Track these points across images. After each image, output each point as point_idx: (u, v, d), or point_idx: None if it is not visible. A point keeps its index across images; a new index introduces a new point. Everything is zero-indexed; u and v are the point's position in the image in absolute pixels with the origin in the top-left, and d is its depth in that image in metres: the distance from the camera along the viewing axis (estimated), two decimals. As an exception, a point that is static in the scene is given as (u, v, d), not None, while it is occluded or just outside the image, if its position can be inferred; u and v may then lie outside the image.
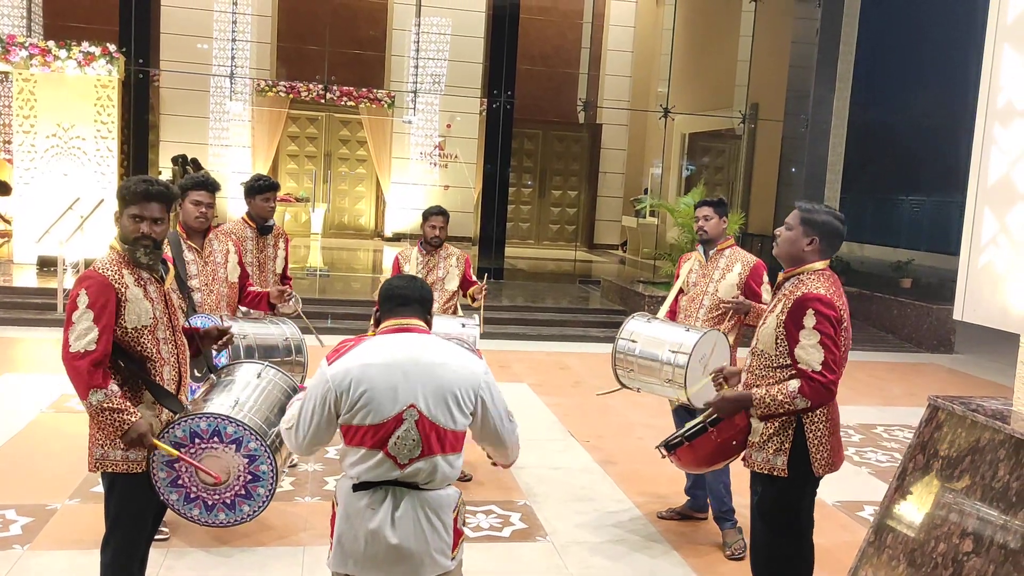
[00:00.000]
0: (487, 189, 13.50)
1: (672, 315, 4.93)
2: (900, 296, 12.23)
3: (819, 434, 3.25)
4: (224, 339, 3.55)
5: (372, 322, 2.83)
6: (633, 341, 4.64)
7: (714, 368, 3.82)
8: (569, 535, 4.78)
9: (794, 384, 3.16)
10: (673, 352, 4.42)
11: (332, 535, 2.61)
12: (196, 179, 4.38)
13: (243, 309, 4.93)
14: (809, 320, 3.15)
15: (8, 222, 11.93)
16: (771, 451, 3.31)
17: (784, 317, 3.21)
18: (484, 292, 5.60)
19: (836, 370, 3.12)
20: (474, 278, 5.74)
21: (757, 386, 3.28)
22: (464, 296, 5.67)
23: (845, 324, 3.21)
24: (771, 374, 3.26)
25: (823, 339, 3.10)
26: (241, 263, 4.77)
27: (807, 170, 14.21)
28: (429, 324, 2.73)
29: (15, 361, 8.08)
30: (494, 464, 2.94)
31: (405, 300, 2.70)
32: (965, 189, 2.99)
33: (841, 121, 14.87)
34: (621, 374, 4.75)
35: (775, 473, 3.30)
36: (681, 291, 4.90)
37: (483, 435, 2.71)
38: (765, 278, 4.72)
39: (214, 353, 3.96)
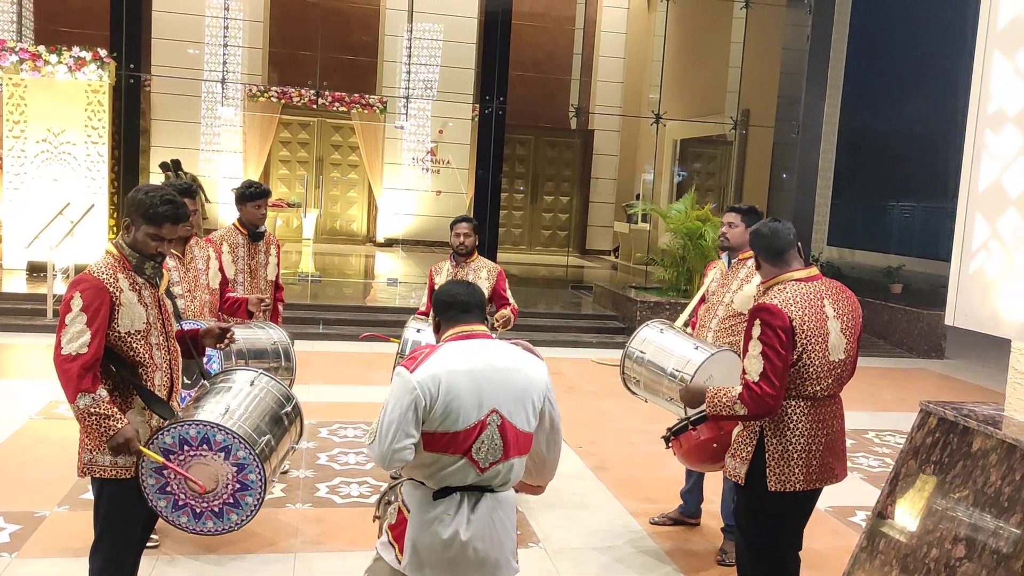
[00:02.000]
0: (479, 195, 13.48)
1: (695, 324, 4.78)
2: (891, 301, 12.26)
3: (780, 449, 3.24)
4: (227, 338, 3.53)
5: (432, 328, 2.81)
6: (643, 351, 4.41)
7: None
8: (562, 541, 4.76)
9: (738, 390, 3.21)
10: (677, 370, 4.17)
11: (401, 540, 2.59)
12: (180, 187, 4.36)
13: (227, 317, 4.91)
14: (755, 330, 3.18)
15: None
16: (738, 459, 3.34)
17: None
18: (502, 323, 5.31)
19: (775, 382, 3.11)
20: (507, 294, 5.53)
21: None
22: (494, 313, 5.44)
23: (808, 333, 3.17)
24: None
25: (764, 349, 3.13)
26: (222, 269, 4.76)
27: (798, 176, 14.25)
28: (493, 328, 2.77)
29: (4, 367, 8.03)
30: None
31: (466, 307, 2.72)
32: (956, 195, 3.01)
33: (832, 127, 14.93)
34: (629, 382, 4.55)
35: (739, 482, 3.33)
36: (703, 298, 4.80)
37: (543, 438, 2.73)
38: None
39: (206, 359, 3.95)
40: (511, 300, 5.55)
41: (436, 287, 5.49)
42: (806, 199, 14.33)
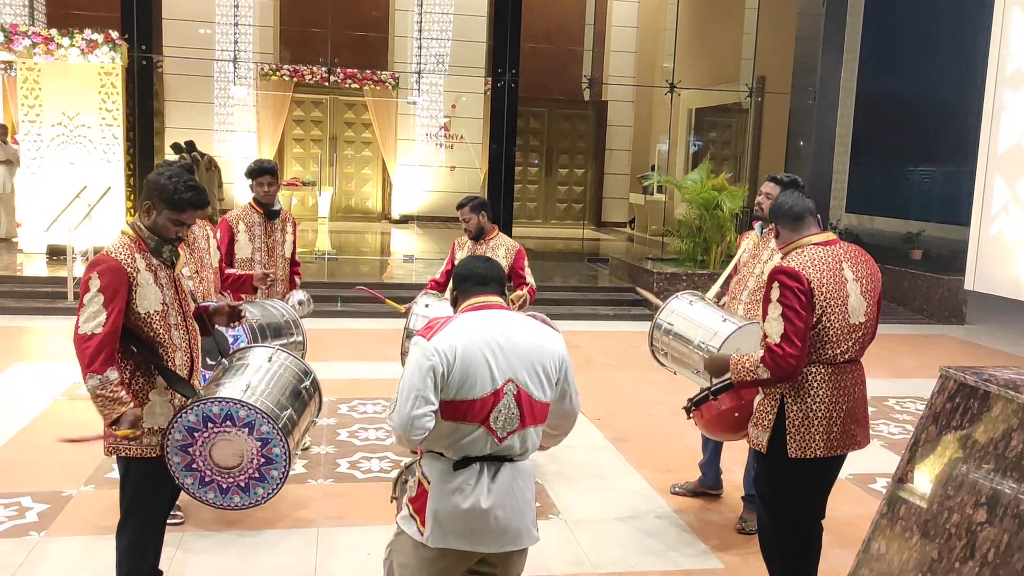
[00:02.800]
0: (493, 169, 13.44)
1: (724, 294, 4.72)
2: (911, 268, 12.16)
3: (800, 415, 3.23)
4: (238, 316, 3.57)
5: (450, 302, 2.84)
6: (671, 323, 4.35)
7: None
8: (581, 512, 4.79)
9: (760, 354, 3.20)
10: (704, 343, 4.11)
11: (422, 512, 2.61)
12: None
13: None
14: (774, 293, 3.17)
15: None
16: (760, 428, 3.34)
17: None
18: (519, 302, 5.32)
19: (796, 343, 3.11)
20: (525, 272, 5.52)
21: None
22: (511, 292, 5.41)
23: (827, 295, 3.16)
24: None
25: (784, 311, 3.13)
26: (226, 250, 4.80)
27: (815, 143, 14.11)
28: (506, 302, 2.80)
29: (28, 350, 8.13)
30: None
31: (483, 279, 2.74)
32: (975, 158, 2.96)
33: (849, 92, 14.74)
34: (657, 353, 4.50)
35: (761, 450, 3.33)
36: (736, 270, 4.73)
37: (559, 407, 2.76)
38: None
39: (231, 337, 3.99)
40: (529, 279, 5.55)
41: (456, 260, 5.53)
42: (824, 166, 14.19)
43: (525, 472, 2.68)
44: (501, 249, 5.53)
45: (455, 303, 2.79)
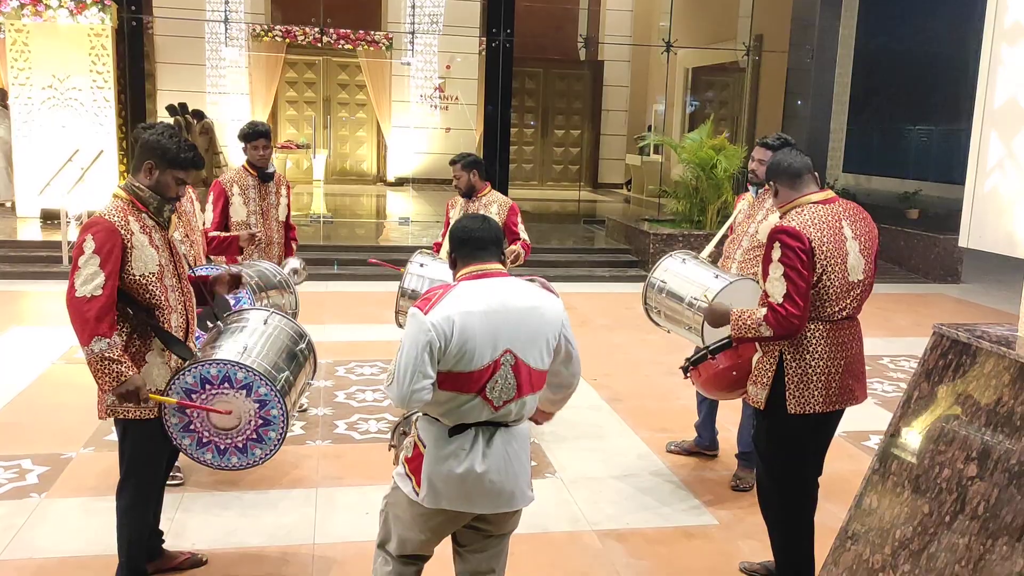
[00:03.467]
0: (489, 131, 13.34)
1: (718, 255, 4.75)
2: (907, 227, 12.15)
3: (799, 372, 3.25)
4: (239, 283, 3.58)
5: (448, 264, 2.79)
6: (664, 281, 4.39)
7: None
8: (577, 471, 4.84)
9: (762, 312, 3.21)
10: (695, 299, 4.17)
11: (418, 473, 2.64)
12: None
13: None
14: (775, 252, 3.17)
15: None
16: (759, 385, 3.36)
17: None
18: (512, 257, 5.34)
19: (799, 302, 3.12)
20: (519, 229, 5.51)
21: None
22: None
23: (827, 254, 3.17)
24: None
25: (786, 271, 3.13)
26: (220, 213, 4.79)
27: (813, 102, 14.00)
28: (504, 265, 2.77)
29: (23, 314, 8.13)
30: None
31: (482, 243, 2.70)
32: (972, 116, 2.95)
33: (847, 51, 14.60)
34: (651, 312, 4.53)
35: (760, 407, 3.35)
36: (731, 229, 4.74)
37: (561, 369, 2.76)
38: None
39: (232, 300, 4.00)
40: (523, 235, 5.54)
41: (451, 221, 5.53)
42: (821, 126, 14.11)
43: (519, 436, 2.70)
44: (494, 206, 5.51)
45: (454, 266, 2.76)
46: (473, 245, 2.69)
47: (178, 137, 3.20)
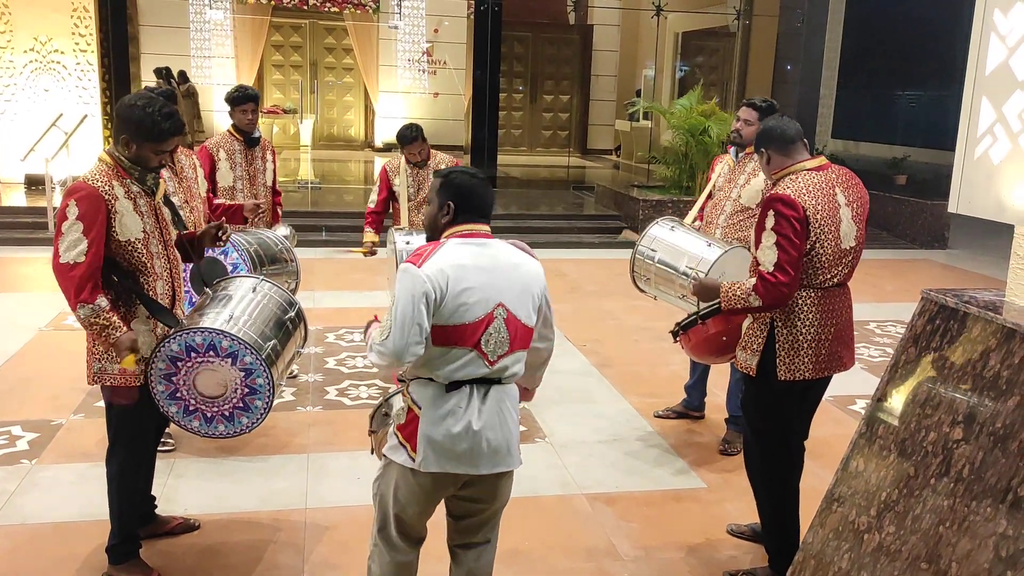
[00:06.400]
0: (477, 96, 13.23)
1: (702, 220, 4.73)
2: (895, 193, 12.18)
3: (790, 338, 3.27)
4: (219, 235, 3.51)
5: (440, 210, 2.68)
6: (653, 249, 4.36)
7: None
8: (567, 436, 4.87)
9: (752, 282, 3.22)
10: (691, 268, 4.14)
11: (413, 438, 2.62)
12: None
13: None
14: (769, 221, 3.17)
15: None
16: (749, 351, 3.37)
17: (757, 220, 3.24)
18: None
19: (789, 271, 3.12)
20: None
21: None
22: None
23: (821, 221, 3.17)
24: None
25: (779, 240, 3.13)
26: (208, 178, 4.73)
27: (803, 67, 13.94)
28: None
29: (10, 281, 8.07)
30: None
31: (486, 213, 2.70)
32: (963, 82, 2.93)
33: (838, 15, 14.52)
34: (639, 280, 4.51)
35: (750, 373, 3.37)
36: (711, 195, 4.72)
37: (542, 329, 2.81)
38: None
39: (230, 266, 3.97)
40: None
41: (394, 188, 5.52)
42: (811, 91, 14.06)
43: (512, 395, 2.72)
44: (443, 165, 5.56)
45: (447, 215, 2.66)
46: (479, 212, 2.68)
47: (153, 107, 3.06)
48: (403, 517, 2.73)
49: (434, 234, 2.72)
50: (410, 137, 5.50)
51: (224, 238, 3.54)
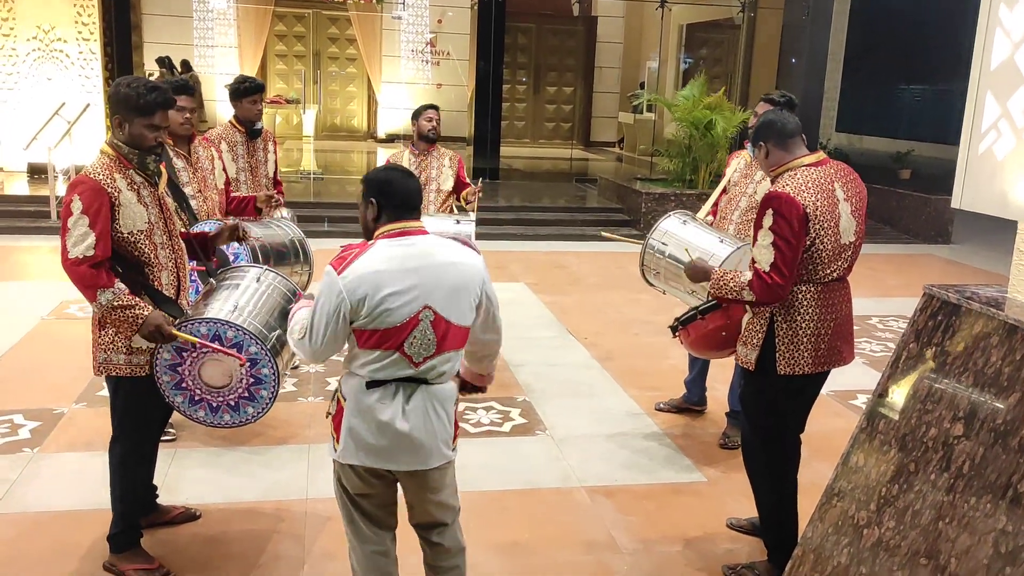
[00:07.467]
0: (480, 87, 13.21)
1: (715, 215, 4.70)
2: (899, 187, 12.16)
3: (789, 333, 3.27)
4: (238, 234, 3.55)
5: (367, 209, 2.66)
6: (664, 243, 4.32)
7: None
8: (568, 429, 4.88)
9: (748, 276, 3.22)
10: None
11: (339, 429, 2.65)
12: (176, 84, 4.27)
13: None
14: (767, 220, 3.16)
15: None
16: (749, 346, 3.37)
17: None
18: (478, 194, 5.52)
19: (785, 272, 3.12)
20: (468, 180, 5.68)
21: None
22: (458, 199, 5.63)
23: (821, 218, 3.15)
24: None
25: (776, 240, 3.12)
26: (225, 169, 4.72)
27: (807, 60, 13.88)
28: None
29: (12, 270, 8.08)
30: (472, 389, 3.03)
31: (412, 206, 2.66)
32: (968, 77, 2.93)
33: (843, 8, 14.45)
34: (648, 273, 4.47)
35: (749, 367, 3.37)
36: (725, 190, 4.69)
37: (484, 326, 2.76)
38: None
39: (234, 258, 3.97)
40: (471, 183, 5.71)
41: None
42: (815, 84, 14.00)
43: (441, 395, 2.67)
44: (447, 158, 5.64)
45: (376, 219, 2.63)
46: (405, 207, 2.63)
47: (139, 83, 3.08)
48: (360, 506, 2.73)
49: (367, 235, 2.69)
50: (426, 106, 5.59)
51: (243, 240, 3.56)
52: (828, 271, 3.27)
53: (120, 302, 2.99)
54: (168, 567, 3.33)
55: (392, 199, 2.63)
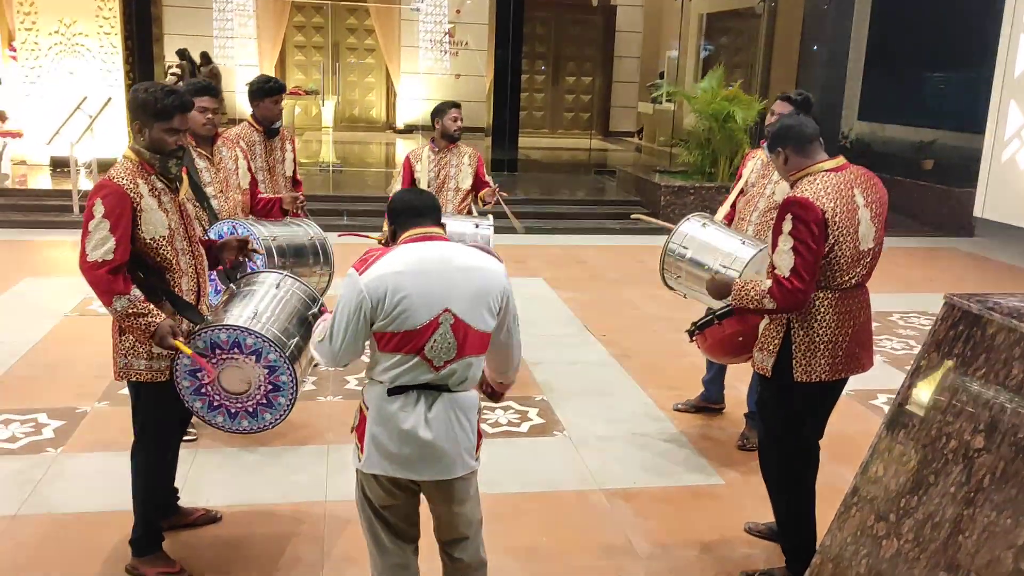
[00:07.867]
0: (499, 77, 13.17)
1: (732, 216, 4.66)
2: (921, 179, 12.01)
3: (806, 340, 3.24)
4: (247, 248, 3.56)
5: (386, 236, 2.81)
6: (684, 247, 4.26)
7: None
8: (586, 429, 4.88)
9: (768, 284, 3.19)
10: (724, 267, 4.04)
11: (362, 439, 2.66)
12: (198, 85, 4.28)
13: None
14: (786, 225, 3.13)
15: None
16: (765, 352, 3.35)
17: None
18: (495, 197, 5.48)
19: (805, 277, 3.09)
20: (487, 178, 5.65)
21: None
22: (476, 199, 5.62)
23: (840, 224, 3.13)
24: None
25: (796, 244, 3.09)
26: (250, 169, 4.72)
27: (829, 49, 13.73)
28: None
29: (35, 265, 8.17)
30: (491, 394, 3.02)
31: (419, 211, 2.70)
32: (993, 64, 2.88)
33: (866, -5, 14.25)
34: (668, 278, 4.43)
35: (766, 374, 3.35)
36: (742, 191, 4.64)
37: (500, 337, 2.75)
38: None
39: (247, 262, 3.99)
40: (491, 182, 5.67)
41: (416, 174, 5.52)
42: (837, 73, 13.85)
43: (463, 403, 2.67)
44: (466, 156, 5.60)
45: (394, 237, 2.74)
46: (411, 213, 2.70)
47: (155, 88, 3.12)
48: (383, 516, 2.74)
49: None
50: (449, 104, 5.58)
51: (247, 252, 3.57)
52: (846, 277, 3.25)
53: (134, 309, 3.02)
54: (189, 570, 3.38)
55: (412, 211, 2.71)
